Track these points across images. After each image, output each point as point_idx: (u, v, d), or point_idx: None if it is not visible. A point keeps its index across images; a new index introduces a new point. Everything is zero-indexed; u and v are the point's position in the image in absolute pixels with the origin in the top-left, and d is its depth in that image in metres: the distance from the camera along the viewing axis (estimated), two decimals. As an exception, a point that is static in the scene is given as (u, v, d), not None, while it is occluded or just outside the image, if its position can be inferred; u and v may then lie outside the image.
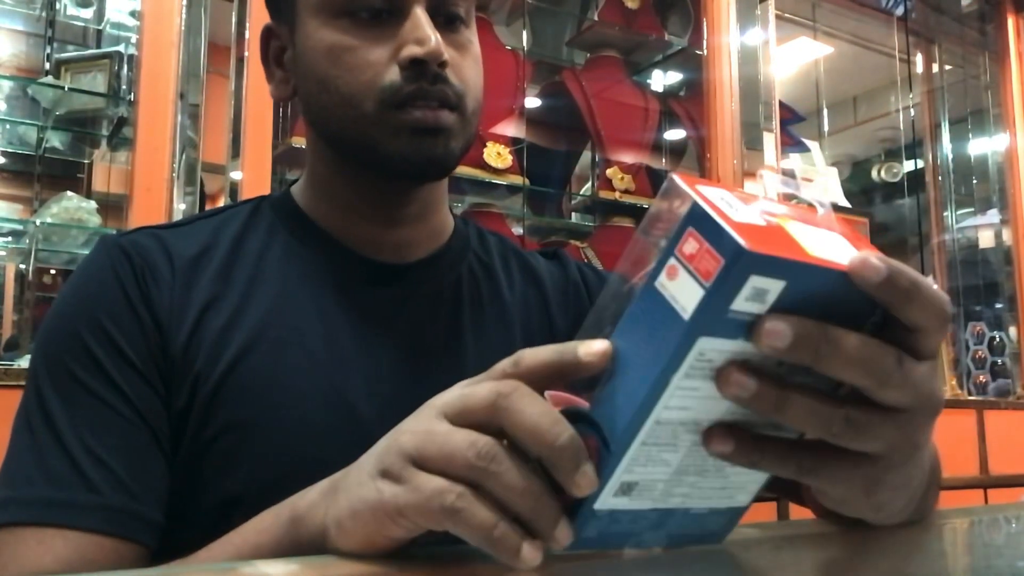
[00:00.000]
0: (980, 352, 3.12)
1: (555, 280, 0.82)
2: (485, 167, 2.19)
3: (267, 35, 0.74)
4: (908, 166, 3.43)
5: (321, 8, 0.67)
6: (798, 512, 0.62)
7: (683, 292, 0.35)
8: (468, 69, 0.68)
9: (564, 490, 0.38)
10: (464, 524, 0.39)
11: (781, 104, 2.63)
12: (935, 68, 3.40)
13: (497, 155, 2.22)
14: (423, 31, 0.64)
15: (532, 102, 2.54)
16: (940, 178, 3.38)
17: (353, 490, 0.44)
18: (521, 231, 2.44)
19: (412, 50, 0.64)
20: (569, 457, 0.38)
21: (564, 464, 0.38)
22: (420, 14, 0.65)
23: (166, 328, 0.64)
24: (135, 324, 0.63)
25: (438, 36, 0.65)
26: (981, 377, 3.10)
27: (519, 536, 0.39)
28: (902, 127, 3.36)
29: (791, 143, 2.78)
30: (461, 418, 0.41)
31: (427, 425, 0.42)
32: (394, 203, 0.72)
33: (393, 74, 0.65)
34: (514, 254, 0.83)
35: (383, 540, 0.43)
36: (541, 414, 0.39)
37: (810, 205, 0.40)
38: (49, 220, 1.78)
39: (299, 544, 0.47)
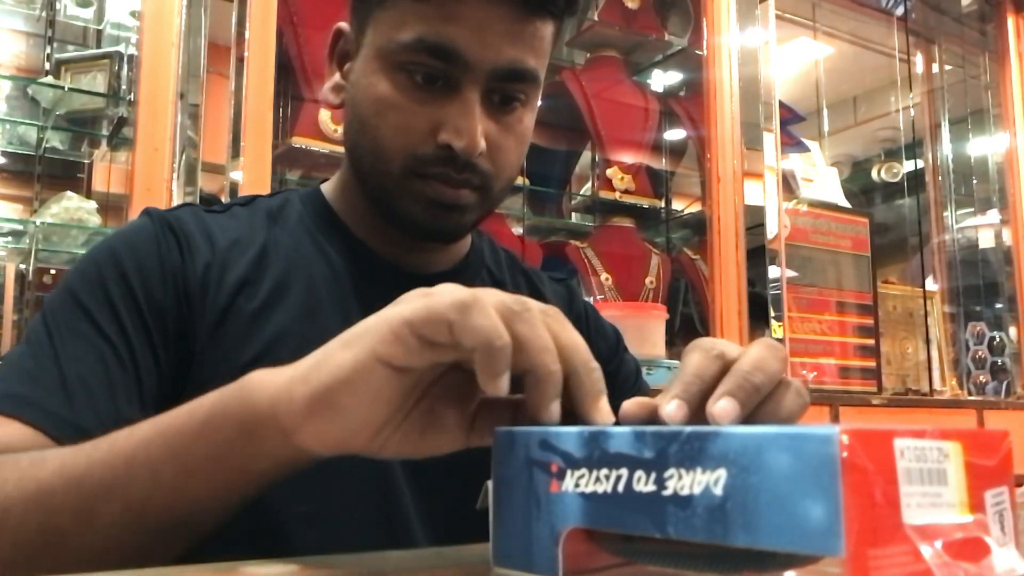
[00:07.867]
0: (980, 352, 3.11)
1: (559, 305, 0.83)
2: (485, 167, 2.19)
3: (338, 35, 0.74)
4: (908, 166, 3.42)
5: (381, 55, 0.67)
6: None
7: None
8: (507, 152, 0.69)
9: None
10: (475, 321, 0.39)
11: (781, 104, 2.63)
12: (935, 68, 3.40)
13: (497, 155, 2.21)
14: (465, 121, 0.65)
15: (532, 102, 2.53)
16: (940, 178, 3.38)
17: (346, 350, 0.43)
18: (521, 231, 2.44)
19: (449, 138, 0.65)
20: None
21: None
22: (471, 99, 0.65)
23: (197, 303, 0.65)
24: (159, 288, 0.65)
25: (480, 129, 0.65)
26: (981, 377, 3.09)
27: (507, 361, 0.39)
28: (902, 127, 3.35)
29: (791, 143, 2.77)
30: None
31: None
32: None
33: (427, 147, 0.66)
34: (522, 273, 0.85)
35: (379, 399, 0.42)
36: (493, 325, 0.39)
37: None
38: (49, 220, 1.78)
39: (241, 416, 0.45)
